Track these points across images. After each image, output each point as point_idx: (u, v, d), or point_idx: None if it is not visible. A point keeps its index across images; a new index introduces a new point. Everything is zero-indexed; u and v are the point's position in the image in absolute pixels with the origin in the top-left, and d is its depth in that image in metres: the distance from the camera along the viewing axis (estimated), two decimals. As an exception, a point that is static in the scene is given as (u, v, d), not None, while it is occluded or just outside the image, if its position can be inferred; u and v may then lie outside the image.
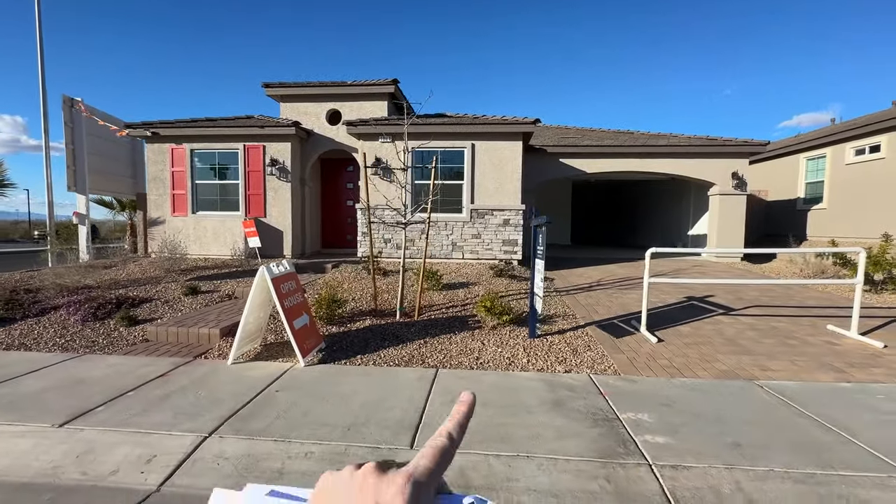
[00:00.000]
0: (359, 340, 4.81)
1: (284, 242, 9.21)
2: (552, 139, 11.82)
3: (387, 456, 2.58)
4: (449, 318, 5.55)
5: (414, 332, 5.04)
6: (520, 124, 8.43)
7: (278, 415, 3.09)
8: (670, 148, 10.49)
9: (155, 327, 4.97)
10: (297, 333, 4.12)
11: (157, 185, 9.36)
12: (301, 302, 4.45)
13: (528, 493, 2.27)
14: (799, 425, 2.94)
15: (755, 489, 2.28)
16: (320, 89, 9.42)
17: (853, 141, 10.67)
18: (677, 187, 12.91)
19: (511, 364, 4.19)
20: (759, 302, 6.58)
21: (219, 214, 9.22)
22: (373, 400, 3.34)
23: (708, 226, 11.09)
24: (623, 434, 2.83)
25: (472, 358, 4.32)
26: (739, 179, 10.38)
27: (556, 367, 4.12)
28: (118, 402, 3.29)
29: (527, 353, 4.42)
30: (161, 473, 2.43)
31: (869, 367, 4.03)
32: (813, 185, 12.16)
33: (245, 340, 4.35)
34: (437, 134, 8.64)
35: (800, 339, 4.84)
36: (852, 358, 4.27)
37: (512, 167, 8.63)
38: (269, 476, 2.41)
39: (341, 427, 2.91)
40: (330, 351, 4.52)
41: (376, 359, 4.31)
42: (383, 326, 5.24)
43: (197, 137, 9.12)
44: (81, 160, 10.02)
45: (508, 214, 8.67)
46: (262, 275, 4.04)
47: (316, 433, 2.83)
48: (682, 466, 2.47)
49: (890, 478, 2.36)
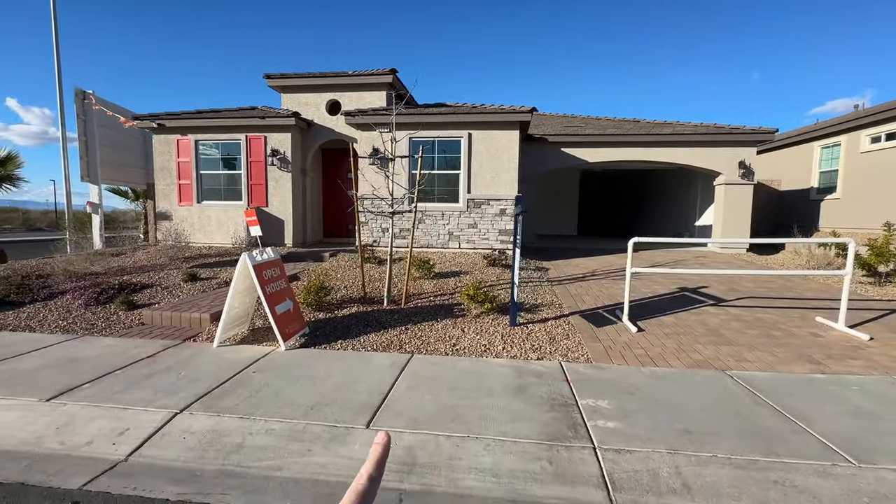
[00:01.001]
0: (343, 326, 4.94)
1: (286, 231, 9.41)
2: (555, 128, 11.69)
3: (342, 435, 2.70)
4: (435, 306, 5.64)
5: (397, 319, 5.15)
6: (516, 113, 8.37)
7: (249, 394, 3.25)
8: (675, 137, 10.27)
9: (151, 311, 5.20)
10: (278, 318, 4.27)
11: (165, 175, 9.64)
12: (284, 288, 4.60)
13: (470, 472, 2.36)
14: (757, 414, 2.95)
15: (693, 473, 2.32)
16: (320, 80, 9.51)
17: (869, 128, 10.26)
18: (685, 176, 12.65)
19: (486, 351, 4.26)
20: (754, 293, 6.48)
21: (222, 204, 9.46)
22: (342, 382, 3.46)
23: (713, 216, 10.87)
24: (576, 419, 2.88)
25: (449, 344, 4.41)
26: (746, 168, 10.11)
27: (530, 354, 4.18)
28: (105, 380, 3.50)
29: (504, 341, 4.49)
30: (131, 445, 2.60)
31: (848, 360, 3.97)
32: (827, 174, 11.76)
33: (231, 325, 4.52)
34: (433, 123, 8.66)
35: (785, 331, 4.78)
36: (834, 350, 4.21)
37: (508, 156, 8.60)
38: (228, 450, 2.55)
39: (305, 407, 3.04)
40: (313, 336, 4.66)
41: (356, 344, 4.43)
42: (369, 313, 5.36)
43: (201, 129, 9.34)
44: (94, 151, 10.38)
45: (505, 204, 8.67)
46: (244, 262, 4.18)
47: (280, 412, 2.97)
48: (626, 450, 2.52)
49: (833, 466, 2.37)
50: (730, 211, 10.35)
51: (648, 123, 11.68)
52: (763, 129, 9.93)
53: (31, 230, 32.06)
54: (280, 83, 9.64)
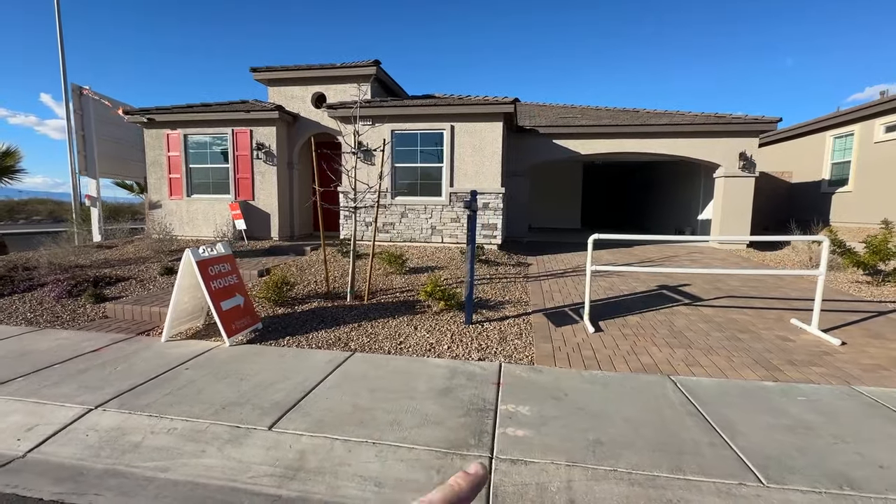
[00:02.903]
0: (298, 322, 4.92)
1: (272, 225, 9.46)
2: (550, 119, 11.38)
3: (241, 436, 2.66)
4: (398, 303, 5.57)
5: (354, 316, 5.10)
6: (499, 104, 8.15)
7: (171, 391, 3.24)
8: (671, 127, 9.85)
9: (113, 305, 5.29)
10: (224, 314, 4.27)
11: (156, 169, 9.80)
12: (235, 284, 4.60)
13: (353, 479, 2.28)
14: (682, 425, 2.78)
15: (584, 489, 2.19)
16: (305, 72, 9.46)
17: (883, 116, 9.62)
18: (688, 169, 12.17)
19: (430, 350, 4.17)
20: (736, 292, 6.18)
21: (210, 197, 9.57)
22: (268, 381, 3.43)
23: (712, 210, 10.44)
24: (487, 426, 2.77)
25: (396, 343, 4.34)
26: (747, 160, 9.64)
27: (473, 354, 4.07)
28: (40, 374, 3.55)
29: (452, 340, 4.38)
30: (33, 441, 2.62)
31: (810, 366, 3.73)
32: (839, 165, 11.12)
33: (181, 319, 4.55)
34: (414, 115, 8.52)
35: (753, 333, 4.53)
36: (798, 355, 3.96)
37: (492, 149, 8.40)
38: (123, 448, 2.54)
39: (218, 405, 3.02)
40: (265, 331, 4.66)
41: (304, 340, 4.40)
42: (328, 309, 5.33)
43: (190, 123, 9.44)
44: (91, 145, 10.64)
45: (488, 198, 8.49)
46: (188, 257, 4.18)
47: (191, 410, 2.95)
48: (523, 462, 2.41)
49: (739, 485, 2.21)
50: (729, 205, 9.91)
51: (647, 113, 11.25)
52: (766, 119, 9.42)
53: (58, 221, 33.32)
54: (266, 76, 9.64)
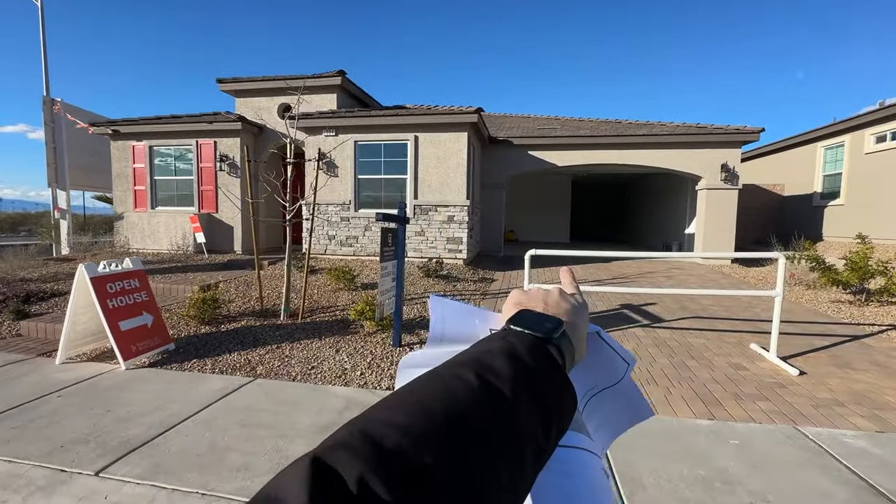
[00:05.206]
0: (216, 342, 4.58)
1: (234, 238, 9.22)
2: (527, 130, 11.10)
3: (57, 484, 2.30)
4: (333, 322, 5.22)
5: (279, 336, 4.75)
6: (463, 114, 7.88)
7: (22, 423, 2.90)
8: (650, 138, 9.50)
9: (28, 323, 5.00)
10: (122, 335, 3.95)
11: (122, 181, 9.65)
12: (142, 302, 4.28)
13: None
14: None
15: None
16: (272, 83, 9.31)
17: (873, 126, 9.19)
18: (675, 182, 11.76)
19: (340, 377, 3.80)
20: (705, 312, 5.74)
21: (174, 210, 9.37)
22: (137, 412, 3.08)
23: (696, 224, 10.00)
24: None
25: (307, 367, 3.97)
26: (730, 172, 9.23)
27: (384, 382, 3.69)
28: None
29: (369, 365, 4.01)
30: None
31: (756, 401, 3.29)
32: (831, 177, 10.66)
33: (81, 340, 4.23)
34: (378, 126, 8.28)
35: (705, 360, 4.09)
36: (747, 387, 3.52)
37: (456, 160, 8.11)
38: (-85, 498, 2.20)
39: (60, 442, 2.66)
40: (175, 353, 4.32)
41: (209, 364, 4.06)
42: (256, 328, 4.99)
43: (155, 134, 9.30)
44: (62, 157, 10.55)
45: (453, 211, 8.17)
46: (81, 273, 3.89)
47: (25, 448, 2.59)
48: None
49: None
50: (713, 218, 9.47)
51: (628, 124, 10.92)
52: (748, 129, 9.03)
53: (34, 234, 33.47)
54: (232, 87, 9.51)
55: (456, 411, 0.30)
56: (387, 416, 0.29)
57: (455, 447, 0.28)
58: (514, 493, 0.30)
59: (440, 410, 0.30)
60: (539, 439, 0.33)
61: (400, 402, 0.31)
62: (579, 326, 0.44)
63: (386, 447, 0.26)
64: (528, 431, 0.32)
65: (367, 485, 0.24)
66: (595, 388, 0.49)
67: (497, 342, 0.38)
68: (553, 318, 0.42)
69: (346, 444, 0.26)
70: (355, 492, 0.24)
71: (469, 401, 0.31)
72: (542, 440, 0.33)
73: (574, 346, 0.42)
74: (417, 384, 0.33)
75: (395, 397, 0.32)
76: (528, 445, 0.32)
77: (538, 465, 0.33)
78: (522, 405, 0.33)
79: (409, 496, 0.25)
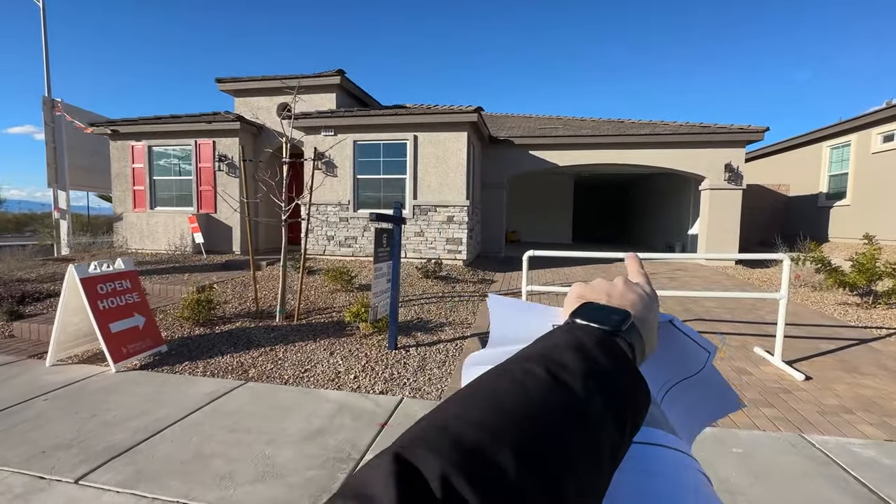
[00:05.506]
0: (209, 344, 4.52)
1: (233, 238, 9.17)
2: (529, 130, 11.00)
3: (35, 492, 2.23)
4: (329, 324, 5.15)
5: (273, 338, 4.68)
6: (462, 113, 7.80)
7: (6, 427, 2.84)
8: (654, 137, 9.39)
9: (21, 323, 4.96)
10: (112, 336, 3.89)
11: (121, 181, 9.63)
12: (134, 303, 4.22)
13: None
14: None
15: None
16: (271, 83, 9.26)
17: (880, 126, 9.04)
18: (678, 183, 11.64)
19: (333, 380, 3.72)
20: (709, 315, 5.63)
21: (173, 210, 9.34)
22: (124, 416, 3.01)
23: (699, 224, 9.87)
24: (335, 483, 2.31)
25: (300, 371, 3.90)
26: (734, 171, 9.10)
27: (378, 386, 3.61)
28: None
29: (363, 368, 3.93)
30: None
31: (760, 407, 3.19)
32: (837, 177, 10.50)
33: (77, 341, 4.18)
34: (377, 126, 8.22)
35: (708, 364, 3.98)
36: (752, 392, 3.42)
37: (456, 160, 8.02)
38: None
39: (43, 448, 2.59)
40: (168, 355, 4.26)
41: (201, 366, 3.99)
42: (250, 330, 4.92)
43: (154, 134, 9.28)
44: (62, 158, 10.53)
45: (452, 211, 8.08)
46: (71, 274, 3.83)
47: (5, 455, 2.53)
48: None
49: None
50: (716, 219, 9.35)
51: (631, 123, 10.81)
52: (752, 128, 8.91)
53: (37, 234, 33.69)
54: (231, 87, 9.48)
55: (529, 407, 0.30)
56: (460, 412, 0.29)
57: (532, 444, 0.27)
58: (593, 493, 0.30)
59: (514, 407, 0.29)
60: (614, 436, 0.32)
61: (471, 397, 0.31)
62: (648, 319, 0.42)
63: (465, 444, 0.26)
64: (603, 428, 0.31)
65: (450, 482, 0.23)
66: (671, 380, 0.47)
67: (563, 336, 0.37)
68: (620, 311, 0.40)
69: (425, 441, 0.26)
70: (438, 489, 0.23)
71: (541, 396, 0.31)
72: (616, 436, 0.32)
73: (644, 339, 0.40)
74: (486, 380, 0.33)
75: (465, 393, 0.31)
76: (604, 442, 0.31)
77: (614, 462, 0.32)
78: (595, 400, 0.32)
79: (491, 494, 0.24)
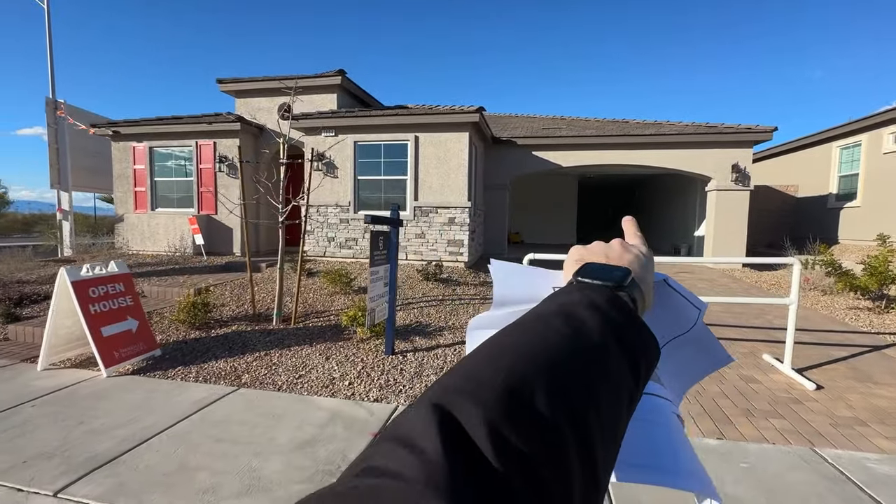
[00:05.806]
0: (204, 348, 4.44)
1: (234, 240, 9.12)
2: (532, 130, 10.88)
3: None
4: (325, 327, 5.06)
5: (268, 342, 4.60)
6: (464, 113, 7.70)
7: (-11, 436, 2.77)
8: (659, 138, 9.24)
9: (16, 326, 4.91)
10: (104, 341, 3.82)
11: (122, 182, 9.62)
12: (128, 306, 4.15)
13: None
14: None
15: None
16: (272, 83, 9.20)
17: (891, 125, 8.83)
18: (685, 184, 11.46)
19: (328, 386, 3.63)
20: (714, 321, 5.48)
21: (173, 211, 9.31)
22: (111, 424, 2.93)
23: (705, 226, 9.71)
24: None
25: (294, 376, 3.81)
26: (741, 172, 8.93)
27: (373, 393, 3.51)
28: None
29: (359, 374, 3.83)
30: None
31: (769, 418, 3.05)
32: (847, 178, 10.29)
33: (69, 345, 4.12)
34: (378, 126, 8.13)
35: (714, 373, 3.84)
36: (760, 403, 3.29)
37: (458, 161, 7.92)
38: None
39: (23, 457, 2.52)
40: (161, 359, 4.19)
41: (194, 371, 3.91)
42: (245, 334, 4.85)
43: (155, 135, 9.25)
44: (64, 159, 10.54)
45: (454, 213, 7.98)
46: (62, 277, 3.77)
47: (-15, 465, 2.46)
48: None
49: None
50: (723, 220, 9.18)
51: (636, 124, 10.66)
52: (760, 128, 8.73)
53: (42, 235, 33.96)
54: (232, 88, 9.44)
55: (555, 355, 0.30)
56: (490, 363, 0.29)
57: (563, 389, 0.28)
58: (615, 438, 0.31)
59: (541, 356, 0.30)
60: (630, 385, 0.33)
61: (497, 350, 0.30)
62: (646, 279, 0.44)
63: (500, 390, 0.26)
64: (621, 377, 0.32)
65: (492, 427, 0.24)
66: (664, 337, 0.49)
67: (575, 294, 0.37)
68: (621, 267, 0.42)
69: (459, 389, 0.26)
70: (481, 436, 0.23)
71: (564, 346, 0.31)
72: (632, 386, 0.33)
73: (643, 294, 0.42)
74: (507, 334, 0.33)
75: (489, 346, 0.31)
76: (623, 391, 0.32)
77: (630, 410, 0.33)
78: (612, 351, 0.33)
79: (531, 436, 0.24)
